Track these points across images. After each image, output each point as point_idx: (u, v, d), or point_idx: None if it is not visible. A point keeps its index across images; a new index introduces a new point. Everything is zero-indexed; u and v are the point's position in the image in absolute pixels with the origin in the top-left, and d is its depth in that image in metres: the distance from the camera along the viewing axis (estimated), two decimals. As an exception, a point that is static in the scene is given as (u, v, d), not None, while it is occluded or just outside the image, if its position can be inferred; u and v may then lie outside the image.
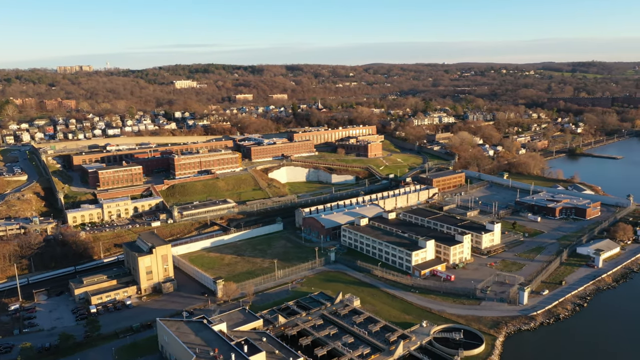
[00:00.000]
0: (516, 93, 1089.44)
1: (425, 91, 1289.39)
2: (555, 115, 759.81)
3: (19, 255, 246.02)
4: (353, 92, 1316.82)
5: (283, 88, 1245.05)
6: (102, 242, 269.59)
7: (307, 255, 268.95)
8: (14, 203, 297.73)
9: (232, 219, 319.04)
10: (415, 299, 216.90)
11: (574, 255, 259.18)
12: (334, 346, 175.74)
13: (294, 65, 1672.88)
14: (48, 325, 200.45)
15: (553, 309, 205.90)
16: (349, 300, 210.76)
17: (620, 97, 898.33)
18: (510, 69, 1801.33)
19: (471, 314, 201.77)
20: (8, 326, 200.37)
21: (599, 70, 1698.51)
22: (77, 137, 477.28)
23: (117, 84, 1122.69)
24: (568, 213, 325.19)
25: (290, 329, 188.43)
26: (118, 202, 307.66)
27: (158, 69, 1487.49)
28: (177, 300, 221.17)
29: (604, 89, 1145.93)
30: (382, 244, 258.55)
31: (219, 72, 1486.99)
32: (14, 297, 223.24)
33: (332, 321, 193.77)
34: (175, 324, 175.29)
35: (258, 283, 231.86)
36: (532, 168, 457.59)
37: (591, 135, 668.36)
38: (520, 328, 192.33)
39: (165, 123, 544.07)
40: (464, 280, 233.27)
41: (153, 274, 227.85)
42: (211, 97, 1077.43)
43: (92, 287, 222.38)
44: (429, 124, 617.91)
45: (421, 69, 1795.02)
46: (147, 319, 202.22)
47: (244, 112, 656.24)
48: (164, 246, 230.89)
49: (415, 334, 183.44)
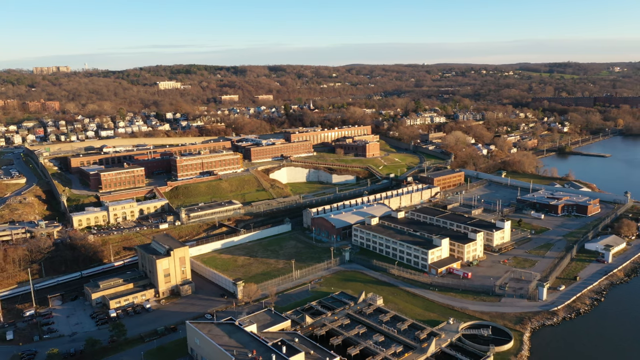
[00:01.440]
0: (499, 93, 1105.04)
1: (409, 91, 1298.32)
2: (541, 114, 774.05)
3: (29, 259, 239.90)
4: (338, 92, 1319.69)
5: (268, 89, 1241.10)
6: (112, 246, 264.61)
7: (319, 255, 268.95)
8: (17, 207, 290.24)
9: (239, 220, 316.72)
10: (436, 297, 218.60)
11: (583, 252, 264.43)
12: (365, 345, 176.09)
13: (276, 66, 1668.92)
14: (68, 331, 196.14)
15: (572, 304, 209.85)
16: (372, 299, 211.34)
17: (602, 97, 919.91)
18: (490, 69, 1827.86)
19: (494, 311, 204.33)
20: (26, 332, 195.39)
21: (575, 71, 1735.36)
22: (69, 139, 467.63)
23: (100, 85, 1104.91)
24: (570, 210, 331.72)
25: (319, 329, 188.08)
26: (124, 205, 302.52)
27: (139, 69, 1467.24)
28: (197, 303, 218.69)
29: (583, 89, 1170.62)
30: (396, 243, 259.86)
31: (202, 73, 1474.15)
32: (27, 303, 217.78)
33: (359, 320, 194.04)
34: (206, 326, 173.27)
35: (276, 284, 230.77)
36: (526, 166, 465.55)
37: (577, 134, 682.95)
38: (544, 323, 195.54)
39: (159, 124, 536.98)
40: (480, 277, 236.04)
41: (171, 276, 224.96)
42: (196, 98, 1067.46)
43: (109, 291, 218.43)
44: (421, 124, 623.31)
45: (403, 70, 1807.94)
46: (169, 322, 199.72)
47: (235, 113, 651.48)
48: (181, 248, 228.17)
49: (443, 332, 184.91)
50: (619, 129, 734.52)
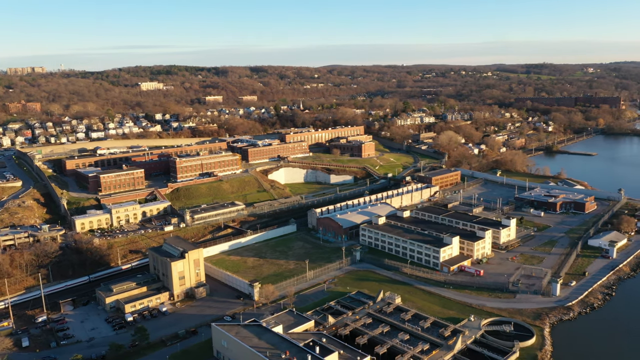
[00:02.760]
0: (481, 93, 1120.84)
1: (392, 92, 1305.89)
2: (525, 114, 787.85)
3: (35, 264, 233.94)
4: (321, 93, 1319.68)
5: (252, 89, 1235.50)
6: (119, 249, 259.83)
7: (329, 256, 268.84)
8: (16, 210, 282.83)
9: (243, 221, 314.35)
10: (452, 295, 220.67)
11: (586, 248, 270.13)
12: (392, 344, 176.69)
13: (257, 66, 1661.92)
14: (85, 336, 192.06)
15: (585, 298, 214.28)
16: (391, 298, 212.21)
17: (582, 97, 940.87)
18: (469, 70, 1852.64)
19: (511, 307, 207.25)
20: (42, 339, 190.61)
21: (551, 72, 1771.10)
22: (59, 141, 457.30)
23: (80, 86, 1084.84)
24: (567, 207, 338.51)
25: (343, 329, 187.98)
26: (126, 207, 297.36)
27: (118, 70, 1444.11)
28: (213, 305, 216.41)
29: (561, 89, 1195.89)
30: (406, 241, 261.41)
31: (183, 74, 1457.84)
32: (37, 309, 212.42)
33: (381, 319, 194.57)
34: (233, 328, 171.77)
35: (292, 284, 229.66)
36: (518, 165, 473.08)
37: (562, 133, 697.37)
38: (562, 318, 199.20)
39: (150, 125, 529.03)
40: (492, 274, 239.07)
41: (185, 279, 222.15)
42: (180, 98, 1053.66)
43: (123, 295, 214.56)
44: (411, 124, 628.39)
45: (384, 71, 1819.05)
46: (189, 325, 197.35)
47: (225, 114, 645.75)
48: (195, 250, 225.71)
49: (466, 329, 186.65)
50: (601, 128, 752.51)
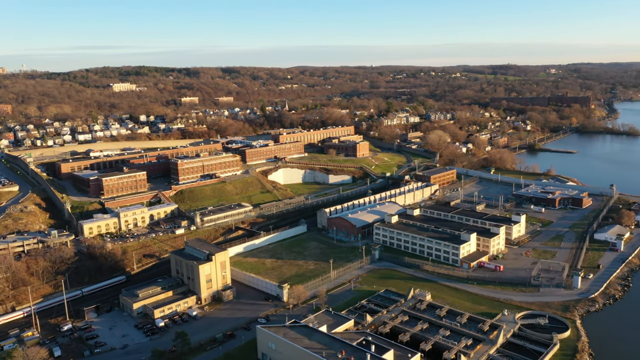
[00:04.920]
0: (455, 94, 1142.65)
1: (367, 93, 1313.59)
2: (502, 114, 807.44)
3: (52, 271, 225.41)
4: (297, 94, 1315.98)
5: (227, 91, 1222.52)
6: (135, 253, 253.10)
7: (346, 255, 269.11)
8: (19, 216, 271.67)
9: (252, 222, 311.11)
10: (478, 290, 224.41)
11: (593, 241, 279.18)
12: (435, 340, 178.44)
13: (229, 67, 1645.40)
14: (118, 343, 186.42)
15: (606, 290, 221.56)
16: (421, 295, 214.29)
17: (554, 97, 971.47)
18: (438, 71, 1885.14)
19: (538, 301, 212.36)
20: (73, 347, 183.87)
21: (516, 73, 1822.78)
22: (46, 144, 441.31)
23: (49, 87, 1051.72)
24: (566, 203, 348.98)
25: (383, 327, 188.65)
26: (134, 211, 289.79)
27: (85, 71, 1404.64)
28: (243, 308, 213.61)
29: (530, 89, 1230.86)
30: (424, 239, 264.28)
31: (153, 75, 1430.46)
32: (60, 317, 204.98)
33: (418, 317, 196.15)
34: (279, 330, 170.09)
35: (317, 285, 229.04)
36: (508, 163, 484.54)
37: (540, 132, 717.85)
38: (589, 310, 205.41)
39: (138, 127, 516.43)
40: (511, 269, 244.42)
41: (212, 282, 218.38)
42: (154, 100, 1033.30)
43: (150, 300, 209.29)
44: (397, 124, 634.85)
45: (355, 72, 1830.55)
46: (223, 329, 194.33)
47: (209, 115, 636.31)
48: (222, 253, 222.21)
49: (503, 323, 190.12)
50: (575, 127, 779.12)
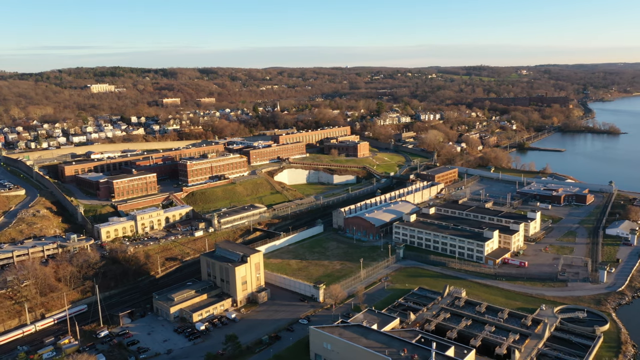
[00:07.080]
0: (436, 94, 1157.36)
1: (348, 94, 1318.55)
2: (488, 114, 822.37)
3: (79, 276, 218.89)
4: (278, 94, 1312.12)
5: (208, 92, 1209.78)
6: (160, 257, 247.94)
7: (368, 254, 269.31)
8: (33, 220, 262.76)
9: (269, 223, 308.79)
10: (508, 286, 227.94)
11: (605, 236, 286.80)
12: (483, 336, 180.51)
13: (207, 68, 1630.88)
14: (161, 349, 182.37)
15: (631, 283, 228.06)
16: (456, 292, 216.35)
17: (535, 97, 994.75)
18: (414, 72, 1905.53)
19: (569, 295, 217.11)
20: (116, 354, 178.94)
21: (490, 74, 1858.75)
22: (41, 146, 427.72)
23: (25, 89, 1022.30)
24: (570, 200, 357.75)
25: (428, 325, 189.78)
26: (151, 213, 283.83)
27: (58, 72, 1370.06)
28: (280, 309, 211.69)
29: (506, 90, 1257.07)
30: (446, 237, 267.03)
31: (130, 76, 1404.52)
32: (94, 323, 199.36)
33: (459, 313, 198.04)
34: (333, 330, 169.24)
35: (350, 284, 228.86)
36: (504, 162, 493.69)
37: (525, 131, 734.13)
38: (620, 303, 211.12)
39: (132, 128, 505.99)
40: (534, 265, 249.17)
41: (247, 284, 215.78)
42: (136, 101, 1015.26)
43: (186, 303, 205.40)
44: (390, 124, 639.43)
45: (333, 73, 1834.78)
46: (265, 331, 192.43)
47: (200, 116, 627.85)
48: (256, 254, 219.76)
49: (544, 317, 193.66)
50: (557, 126, 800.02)
